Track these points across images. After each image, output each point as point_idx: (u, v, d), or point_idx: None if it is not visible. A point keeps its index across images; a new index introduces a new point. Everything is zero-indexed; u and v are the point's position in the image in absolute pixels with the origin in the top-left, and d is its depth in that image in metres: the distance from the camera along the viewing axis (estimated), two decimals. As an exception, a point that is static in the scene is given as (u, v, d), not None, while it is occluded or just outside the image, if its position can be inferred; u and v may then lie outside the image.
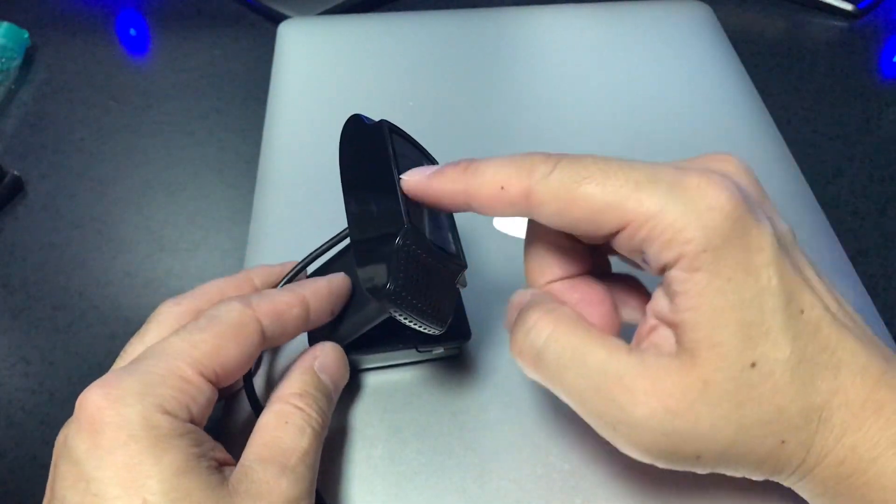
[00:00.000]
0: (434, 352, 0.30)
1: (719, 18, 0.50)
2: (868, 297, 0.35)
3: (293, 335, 0.28)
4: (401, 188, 0.26)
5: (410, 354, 0.30)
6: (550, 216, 0.24)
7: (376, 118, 0.30)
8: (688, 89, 0.44)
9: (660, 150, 0.41)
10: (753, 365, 0.22)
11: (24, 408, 0.37)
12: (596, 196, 0.23)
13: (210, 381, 0.24)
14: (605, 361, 0.23)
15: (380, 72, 0.46)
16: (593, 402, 0.23)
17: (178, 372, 0.24)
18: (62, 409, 0.37)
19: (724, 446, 0.23)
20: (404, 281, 0.24)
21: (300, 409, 0.26)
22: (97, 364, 0.39)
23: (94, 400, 0.22)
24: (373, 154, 0.27)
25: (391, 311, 0.25)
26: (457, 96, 0.44)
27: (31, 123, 0.51)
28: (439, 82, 0.45)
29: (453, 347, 0.31)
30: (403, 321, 0.26)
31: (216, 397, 0.25)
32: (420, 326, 0.26)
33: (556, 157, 0.24)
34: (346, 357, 0.29)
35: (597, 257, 0.28)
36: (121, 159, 0.49)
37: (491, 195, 0.24)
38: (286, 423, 0.25)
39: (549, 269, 0.27)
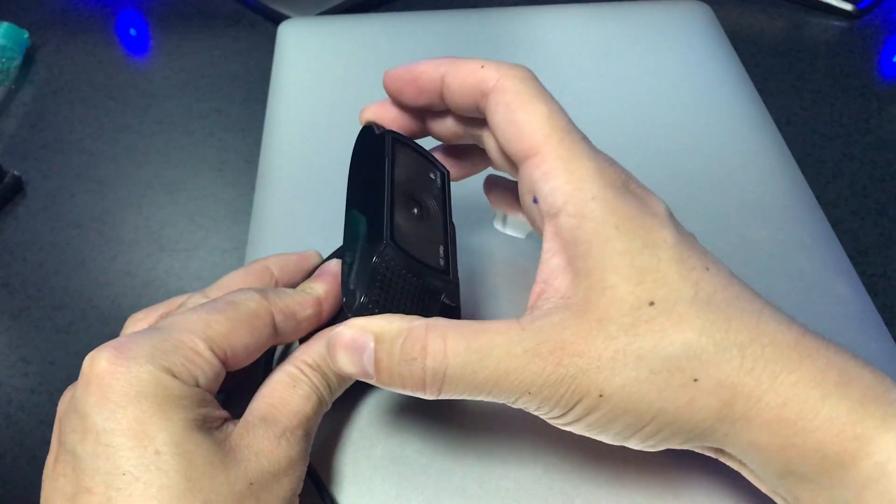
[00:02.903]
0: None
1: (719, 18, 0.50)
2: (868, 297, 0.35)
3: (304, 333, 0.28)
4: (389, 200, 0.26)
5: None
6: (500, 108, 0.26)
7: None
8: (688, 89, 0.44)
9: (659, 150, 0.41)
10: (651, 304, 0.22)
11: (24, 408, 0.37)
12: (538, 113, 0.25)
13: (221, 360, 0.25)
14: (507, 346, 0.23)
15: (380, 72, 0.45)
16: (509, 386, 0.23)
17: (190, 344, 0.24)
18: (62, 409, 0.37)
19: (626, 381, 0.22)
20: (378, 297, 0.25)
21: (310, 377, 0.26)
22: (97, 364, 0.39)
23: (105, 358, 0.23)
24: (372, 165, 0.28)
25: None
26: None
27: (31, 123, 0.51)
28: (439, 82, 0.45)
29: None
30: None
31: (223, 375, 0.25)
32: None
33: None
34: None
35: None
36: (121, 159, 0.49)
37: (469, 70, 0.27)
38: (294, 386, 0.26)
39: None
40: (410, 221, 0.27)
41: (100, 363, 0.23)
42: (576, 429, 0.24)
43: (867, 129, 0.50)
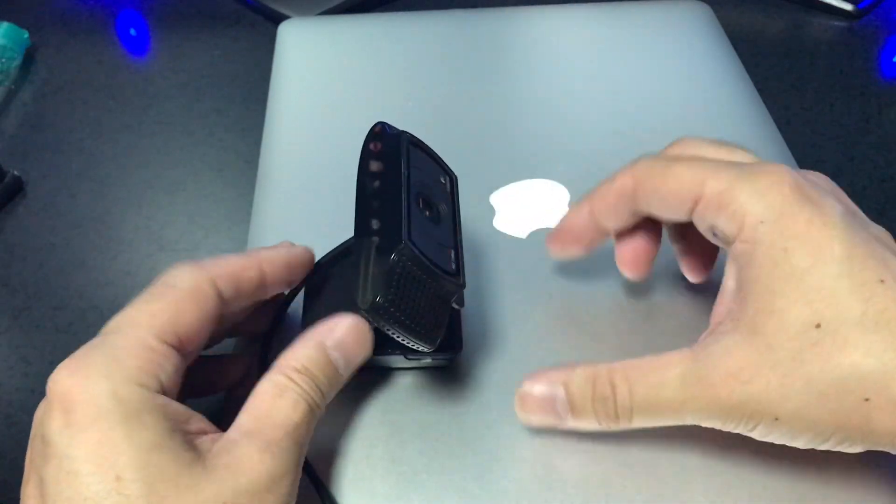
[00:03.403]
0: (422, 361, 0.30)
1: (719, 18, 0.50)
2: (868, 297, 0.35)
3: (251, 298, 0.28)
4: (406, 200, 0.26)
5: (399, 360, 0.30)
6: (649, 195, 0.28)
7: (376, 118, 0.30)
8: (688, 89, 0.44)
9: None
10: (818, 326, 0.23)
11: (24, 408, 0.37)
12: (684, 174, 0.27)
13: (174, 347, 0.24)
14: (682, 377, 0.25)
15: (380, 72, 0.46)
16: (688, 414, 0.25)
17: (142, 342, 0.24)
18: (62, 409, 0.37)
19: (797, 406, 0.23)
20: (394, 297, 0.25)
21: (297, 384, 0.25)
22: (97, 364, 0.39)
23: (63, 379, 0.23)
24: (386, 165, 0.27)
25: (377, 324, 0.25)
26: (457, 96, 0.44)
27: (31, 123, 0.51)
28: (439, 82, 0.45)
29: (442, 359, 0.31)
30: (390, 335, 0.26)
31: (183, 364, 0.25)
32: (407, 342, 0.26)
33: (655, 154, 0.29)
34: (370, 334, 0.27)
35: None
36: (121, 159, 0.49)
37: (604, 189, 0.29)
38: (280, 395, 0.25)
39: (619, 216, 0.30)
40: (424, 224, 0.27)
41: (59, 384, 0.23)
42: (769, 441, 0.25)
43: (867, 129, 0.50)
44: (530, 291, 0.34)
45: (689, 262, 0.32)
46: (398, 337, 0.26)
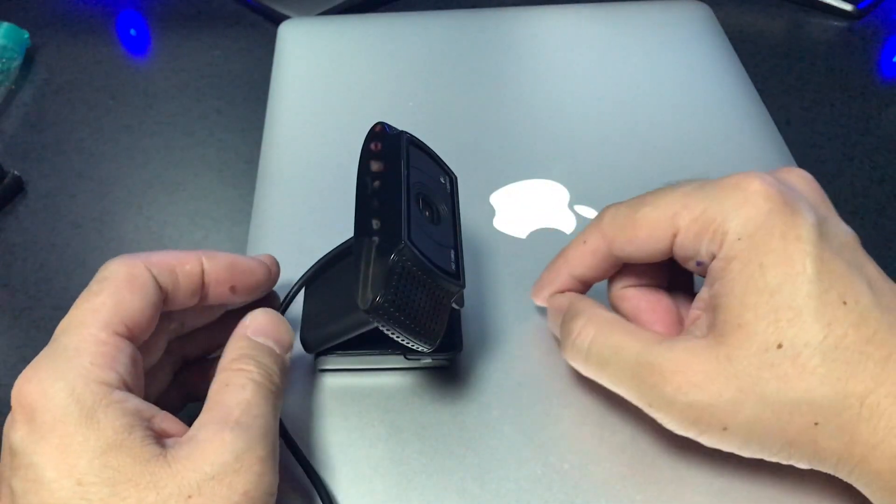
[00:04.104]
0: (422, 361, 0.30)
1: (719, 18, 0.50)
2: (868, 297, 0.35)
3: (191, 292, 0.27)
4: (406, 201, 0.26)
5: (399, 361, 0.30)
6: (624, 246, 0.28)
7: (376, 118, 0.30)
8: (687, 89, 0.44)
9: (659, 150, 0.41)
10: (780, 346, 0.23)
11: (25, 408, 0.37)
12: (651, 214, 0.27)
13: (125, 337, 0.25)
14: (639, 353, 0.26)
15: (380, 72, 0.46)
16: (631, 388, 0.26)
17: (92, 338, 0.24)
18: (62, 409, 0.37)
19: (748, 419, 0.23)
20: (394, 297, 0.25)
21: (238, 370, 0.25)
22: (97, 364, 0.39)
23: (22, 387, 0.23)
24: (386, 165, 0.27)
25: (377, 324, 0.25)
26: (457, 96, 0.44)
27: (31, 123, 0.51)
28: (439, 82, 0.45)
29: (442, 359, 0.31)
30: (390, 335, 0.26)
31: (139, 354, 0.25)
32: (407, 342, 0.26)
33: (619, 203, 0.29)
34: (281, 317, 0.28)
35: (677, 275, 0.30)
36: (121, 159, 0.49)
37: (579, 252, 0.30)
38: (226, 384, 0.25)
39: (626, 276, 0.30)
40: (424, 224, 0.27)
41: (19, 394, 0.23)
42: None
43: (867, 129, 0.50)
44: (530, 292, 0.33)
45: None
46: (398, 337, 0.26)
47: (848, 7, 0.58)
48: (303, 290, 0.31)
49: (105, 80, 0.54)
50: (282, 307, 0.31)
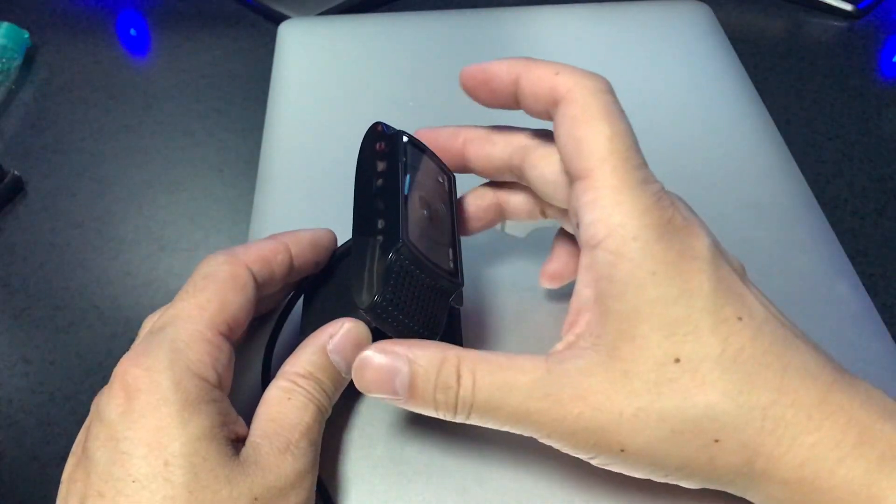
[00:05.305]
0: None
1: (719, 18, 0.50)
2: (868, 297, 0.35)
3: (282, 281, 0.28)
4: (403, 200, 0.26)
5: None
6: (566, 120, 0.25)
7: (376, 118, 0.30)
8: (687, 89, 0.44)
9: (659, 150, 0.40)
10: (677, 360, 0.22)
11: (24, 408, 0.37)
12: (600, 133, 0.24)
13: (226, 337, 0.26)
14: (530, 387, 0.24)
15: (380, 72, 0.46)
16: (529, 424, 0.24)
17: (199, 335, 0.25)
18: (62, 409, 0.37)
19: (647, 440, 0.23)
20: (393, 296, 0.25)
21: (303, 388, 0.26)
22: (97, 364, 0.39)
23: (129, 368, 0.24)
24: (384, 165, 0.28)
25: (376, 323, 0.25)
26: (457, 96, 0.44)
27: (31, 123, 0.51)
28: (439, 82, 0.45)
29: None
30: (389, 334, 0.26)
31: (234, 356, 0.26)
32: None
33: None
34: (369, 335, 0.28)
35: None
36: (121, 159, 0.49)
37: (543, 75, 0.26)
38: (289, 399, 0.26)
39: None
40: (422, 223, 0.27)
41: (124, 374, 0.24)
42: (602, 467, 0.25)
43: (867, 129, 0.50)
44: (530, 291, 0.33)
45: (554, 267, 0.31)
46: (397, 336, 0.26)
47: (848, 7, 0.58)
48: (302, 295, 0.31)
49: (105, 80, 0.54)
50: (282, 308, 0.31)
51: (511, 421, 0.24)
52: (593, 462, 0.24)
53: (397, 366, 0.25)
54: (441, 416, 0.25)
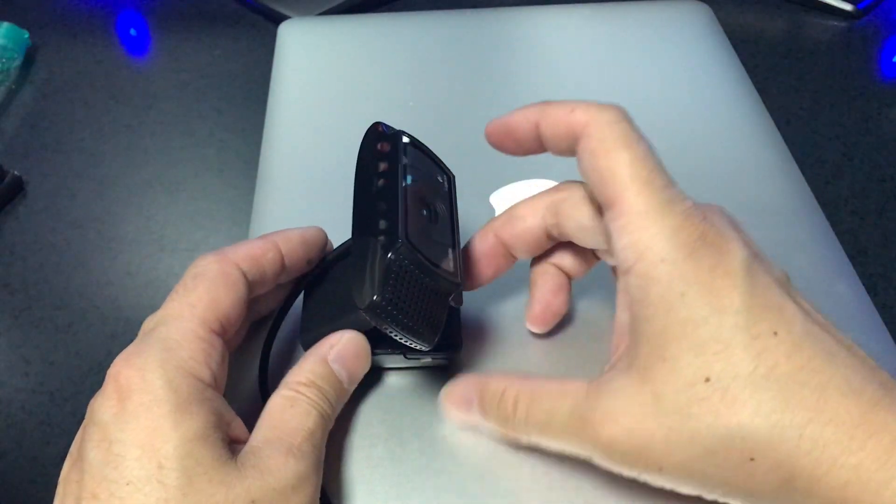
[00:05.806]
0: (422, 360, 0.30)
1: (719, 18, 0.50)
2: (868, 297, 0.35)
3: (273, 280, 0.29)
4: (402, 199, 0.26)
5: (398, 360, 0.30)
6: (586, 154, 0.25)
7: (376, 118, 0.30)
8: (687, 89, 0.44)
9: (659, 150, 0.40)
10: (707, 380, 0.22)
11: (24, 408, 0.37)
12: (620, 161, 0.24)
13: (218, 335, 0.26)
14: (571, 410, 0.25)
15: (380, 72, 0.46)
16: (574, 445, 0.25)
17: (192, 333, 0.25)
18: (62, 409, 0.37)
19: (682, 459, 0.23)
20: (392, 295, 0.25)
21: (305, 395, 0.27)
22: (97, 364, 0.39)
23: (122, 369, 0.24)
24: (384, 164, 0.28)
25: (376, 323, 0.25)
26: (457, 96, 0.44)
27: (32, 123, 0.51)
28: (439, 82, 0.45)
29: (442, 358, 0.31)
30: (389, 334, 0.26)
31: (227, 352, 0.26)
32: (406, 341, 0.26)
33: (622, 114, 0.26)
34: (368, 347, 0.29)
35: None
36: (121, 159, 0.49)
37: (559, 116, 0.26)
38: (292, 406, 0.26)
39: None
40: (422, 223, 0.27)
41: (117, 375, 0.24)
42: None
43: (867, 129, 0.50)
44: (529, 291, 0.33)
45: (539, 310, 0.31)
46: (397, 336, 0.26)
47: (848, 7, 0.58)
48: (302, 295, 0.31)
49: (105, 80, 0.54)
50: (282, 308, 0.31)
51: (560, 442, 0.26)
52: (644, 480, 0.24)
53: (471, 395, 0.28)
54: (509, 438, 0.28)
